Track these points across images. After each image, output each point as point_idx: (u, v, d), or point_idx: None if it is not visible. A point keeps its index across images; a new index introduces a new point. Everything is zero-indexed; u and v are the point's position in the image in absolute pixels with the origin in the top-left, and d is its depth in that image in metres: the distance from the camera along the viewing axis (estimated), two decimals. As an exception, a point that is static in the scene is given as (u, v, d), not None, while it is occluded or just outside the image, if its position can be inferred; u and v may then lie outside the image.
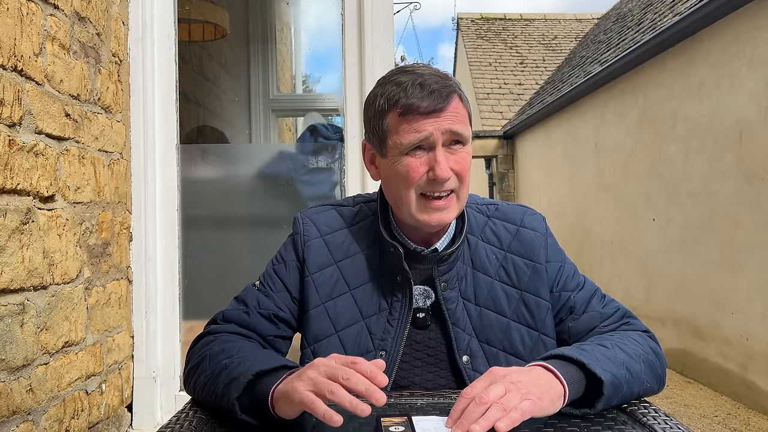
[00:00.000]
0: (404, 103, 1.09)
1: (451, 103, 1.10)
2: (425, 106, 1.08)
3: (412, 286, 1.19)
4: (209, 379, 1.05)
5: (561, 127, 8.87)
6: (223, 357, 1.07)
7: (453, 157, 1.12)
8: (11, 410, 1.63)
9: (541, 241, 1.25)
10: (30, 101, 1.76)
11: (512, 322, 1.20)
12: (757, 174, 4.28)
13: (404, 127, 1.10)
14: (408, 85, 1.10)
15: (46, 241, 1.84)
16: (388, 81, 1.15)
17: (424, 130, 1.09)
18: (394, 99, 1.11)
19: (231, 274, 2.75)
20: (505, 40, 14.63)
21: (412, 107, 1.09)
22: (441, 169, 1.09)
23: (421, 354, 1.20)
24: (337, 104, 3.20)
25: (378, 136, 1.16)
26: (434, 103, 1.09)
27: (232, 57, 4.39)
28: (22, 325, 1.69)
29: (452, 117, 1.10)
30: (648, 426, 0.94)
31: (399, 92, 1.10)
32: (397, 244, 1.18)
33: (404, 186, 1.13)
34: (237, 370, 1.00)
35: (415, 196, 1.13)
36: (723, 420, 4.07)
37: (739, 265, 4.48)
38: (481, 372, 1.15)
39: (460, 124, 1.11)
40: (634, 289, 6.29)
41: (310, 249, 1.23)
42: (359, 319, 1.20)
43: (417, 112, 1.09)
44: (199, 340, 1.19)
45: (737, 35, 4.55)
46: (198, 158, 2.78)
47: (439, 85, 1.10)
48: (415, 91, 1.09)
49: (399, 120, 1.11)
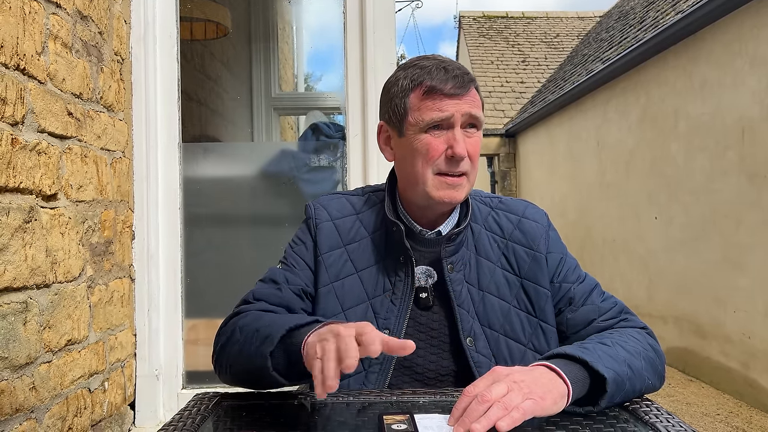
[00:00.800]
0: (429, 83, 1.15)
1: (471, 90, 1.17)
2: (449, 88, 1.14)
3: (414, 265, 1.22)
4: (242, 346, 1.07)
5: (563, 125, 8.86)
6: (255, 324, 1.09)
7: (468, 140, 1.18)
8: (14, 408, 1.64)
9: (542, 232, 1.28)
10: (32, 100, 1.76)
11: (513, 308, 1.23)
12: (759, 172, 4.28)
13: (428, 105, 1.16)
14: (432, 68, 1.16)
15: (49, 240, 1.84)
16: (411, 65, 1.21)
17: (446, 109, 1.15)
18: (419, 80, 1.17)
19: (233, 273, 2.75)
20: (507, 38, 14.61)
21: (437, 87, 1.15)
22: (460, 147, 1.15)
23: (424, 336, 1.22)
24: (339, 102, 3.20)
25: (398, 114, 1.20)
26: (457, 85, 1.15)
27: (234, 55, 4.39)
28: (25, 324, 1.69)
29: (471, 101, 1.17)
30: (650, 424, 0.94)
31: (423, 74, 1.17)
32: (399, 223, 1.22)
33: (422, 163, 1.18)
34: (269, 329, 1.03)
35: (431, 175, 1.17)
36: (725, 418, 4.07)
37: (741, 264, 4.48)
38: (484, 354, 1.19)
39: (477, 109, 1.18)
40: (635, 287, 6.29)
41: (321, 231, 1.28)
42: (365, 300, 1.23)
43: (441, 93, 1.15)
44: (230, 320, 1.21)
45: (740, 33, 4.54)
46: (200, 156, 2.79)
47: (461, 71, 1.17)
48: (440, 74, 1.15)
49: (422, 98, 1.16)
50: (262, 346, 1.00)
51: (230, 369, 1.11)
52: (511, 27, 15.04)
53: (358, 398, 1.08)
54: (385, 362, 1.20)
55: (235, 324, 1.16)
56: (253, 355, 1.02)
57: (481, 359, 1.19)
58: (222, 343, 1.16)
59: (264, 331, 1.04)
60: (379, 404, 1.04)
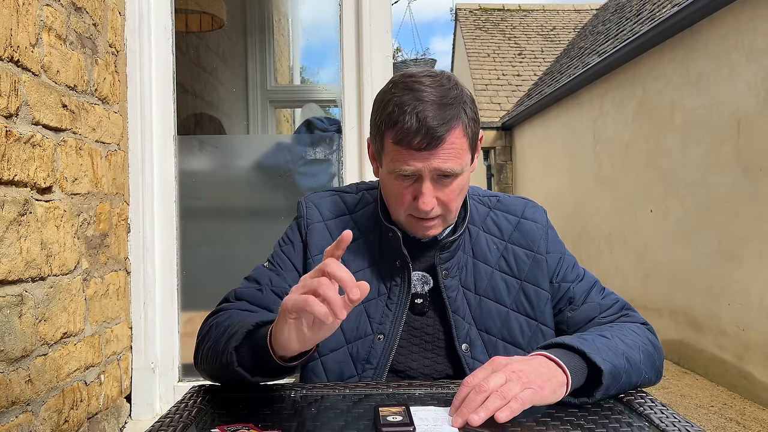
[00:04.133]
0: (398, 133, 1.08)
1: (447, 138, 1.07)
2: (417, 143, 1.06)
3: (411, 270, 1.20)
4: (213, 343, 1.07)
5: (559, 118, 8.86)
6: (226, 323, 1.09)
7: (442, 189, 1.12)
8: (10, 401, 1.64)
9: (541, 232, 1.26)
10: (27, 92, 1.75)
11: (511, 312, 1.21)
12: (754, 165, 4.29)
13: (395, 155, 1.10)
14: (408, 111, 1.06)
15: (44, 233, 1.84)
16: (393, 94, 1.11)
17: (412, 165, 1.09)
18: (392, 121, 1.09)
19: (229, 265, 2.75)
20: (504, 30, 14.58)
21: (404, 140, 1.07)
22: (424, 202, 1.10)
23: (418, 340, 1.21)
24: (335, 95, 3.20)
25: (376, 144, 1.17)
26: (426, 141, 1.06)
27: (229, 48, 4.37)
28: (20, 316, 1.69)
29: (445, 154, 1.08)
30: (645, 416, 0.94)
31: (398, 116, 1.07)
32: (395, 228, 1.20)
33: (394, 204, 1.17)
34: (237, 326, 1.02)
35: (404, 215, 1.16)
36: (719, 410, 4.09)
37: (737, 256, 4.49)
38: (480, 360, 1.17)
39: (452, 161, 1.09)
40: (631, 280, 6.31)
41: (312, 232, 1.26)
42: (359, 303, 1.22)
43: (409, 147, 1.07)
44: (209, 318, 1.21)
45: (736, 26, 4.54)
46: (196, 149, 2.78)
47: (437, 121, 1.06)
48: (413, 122, 1.06)
49: (392, 146, 1.11)
50: (228, 342, 1.00)
51: (206, 366, 1.11)
52: (507, 19, 15.01)
53: (354, 390, 1.08)
54: (378, 366, 1.19)
55: (211, 323, 1.16)
56: (221, 352, 1.01)
57: (477, 365, 1.16)
58: (198, 341, 1.16)
59: (232, 328, 1.04)
60: (374, 396, 1.05)
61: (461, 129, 1.10)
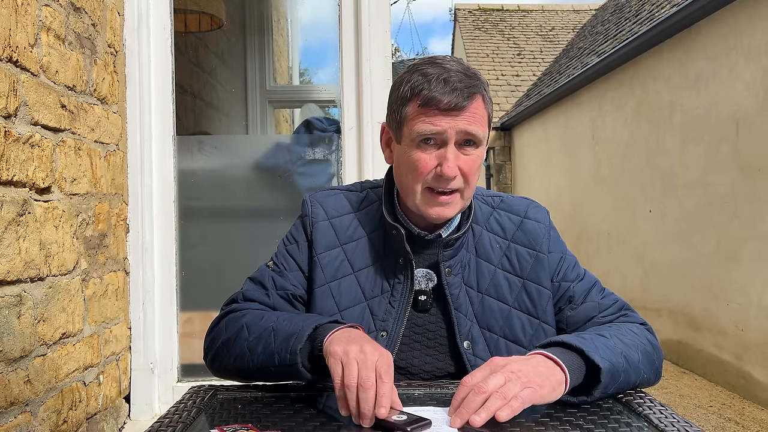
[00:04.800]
0: (426, 95, 1.10)
1: (472, 104, 1.11)
2: (445, 102, 1.09)
3: (414, 268, 1.20)
4: (254, 343, 1.09)
5: (558, 118, 8.86)
6: (266, 322, 1.12)
7: (463, 158, 1.13)
8: (9, 401, 1.63)
9: (544, 232, 1.27)
10: (25, 92, 1.75)
11: (513, 310, 1.22)
12: (753, 165, 4.29)
13: (422, 118, 1.12)
14: (433, 78, 1.10)
15: (43, 233, 1.84)
16: (416, 70, 1.15)
17: (439, 125, 1.10)
18: (418, 89, 1.12)
19: (228, 266, 2.75)
20: (503, 31, 14.59)
21: (433, 101, 1.10)
22: (449, 167, 1.10)
23: (421, 337, 1.22)
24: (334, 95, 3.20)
25: (396, 121, 1.18)
26: (455, 100, 1.09)
27: (228, 48, 4.37)
28: (19, 317, 1.69)
29: (470, 117, 1.11)
30: (643, 416, 0.94)
31: (423, 83, 1.11)
32: (399, 226, 1.20)
33: (413, 177, 1.15)
34: (292, 327, 1.06)
35: (421, 189, 1.15)
36: (718, 410, 4.10)
37: (735, 257, 4.50)
38: (482, 358, 1.17)
39: (476, 125, 1.12)
40: (630, 280, 6.31)
41: (317, 230, 1.26)
42: (362, 300, 1.22)
43: (436, 107, 1.10)
44: (223, 318, 1.22)
45: (735, 26, 4.54)
46: (194, 149, 2.78)
47: (463, 84, 1.10)
48: (439, 86, 1.10)
49: (418, 110, 1.12)
50: (287, 342, 1.03)
51: (237, 364, 1.12)
52: (506, 20, 15.01)
53: (353, 391, 1.08)
54: None
55: (237, 322, 1.16)
56: (276, 352, 1.04)
57: (479, 362, 1.17)
58: (224, 340, 1.16)
59: (284, 328, 1.07)
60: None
61: (482, 100, 1.14)
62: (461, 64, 1.15)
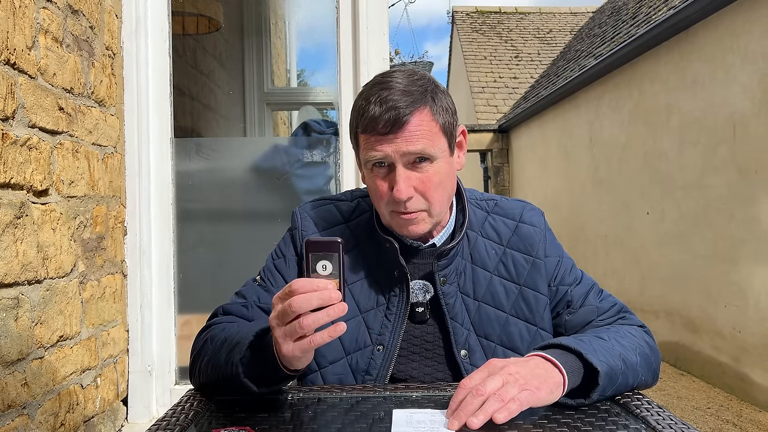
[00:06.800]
0: (364, 121, 1.09)
1: (411, 121, 1.07)
2: (381, 126, 1.07)
3: (409, 281, 1.19)
4: (212, 356, 1.07)
5: (556, 120, 8.87)
6: (222, 335, 1.09)
7: (418, 176, 1.10)
8: (6, 404, 1.63)
9: (540, 237, 1.25)
10: (23, 95, 1.75)
11: (510, 317, 1.21)
12: (750, 167, 4.30)
13: (366, 145, 1.11)
14: (373, 100, 1.07)
15: (41, 235, 1.83)
16: (363, 91, 1.13)
17: (381, 150, 1.08)
18: (360, 114, 1.10)
19: (226, 268, 2.75)
20: (501, 33, 14.61)
21: (370, 126, 1.08)
22: (398, 190, 1.08)
23: (418, 348, 1.20)
24: (332, 98, 3.20)
25: (355, 145, 1.18)
26: (390, 123, 1.06)
27: (226, 50, 4.37)
28: (16, 320, 1.69)
29: (411, 137, 1.07)
30: (641, 418, 0.95)
31: (365, 107, 1.09)
32: (392, 239, 1.18)
33: (376, 201, 1.15)
34: (237, 336, 1.03)
35: (387, 212, 1.15)
36: (716, 412, 4.10)
37: (733, 258, 4.50)
38: (479, 366, 1.16)
39: (420, 142, 1.07)
40: (628, 282, 6.32)
41: None
42: (357, 314, 1.20)
43: (374, 132, 1.08)
44: (201, 333, 1.21)
45: (732, 29, 4.55)
46: (192, 152, 2.77)
47: (403, 101, 1.06)
48: (376, 108, 1.06)
49: (363, 137, 1.11)
50: (231, 354, 1.00)
51: (204, 379, 1.10)
52: (504, 22, 15.04)
53: (351, 393, 1.08)
54: (378, 377, 1.18)
55: (205, 337, 1.15)
56: (223, 364, 1.01)
57: None
58: (193, 356, 1.15)
59: (232, 339, 1.04)
60: (371, 399, 1.04)
61: (428, 113, 1.09)
62: (408, 77, 1.11)
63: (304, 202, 1.33)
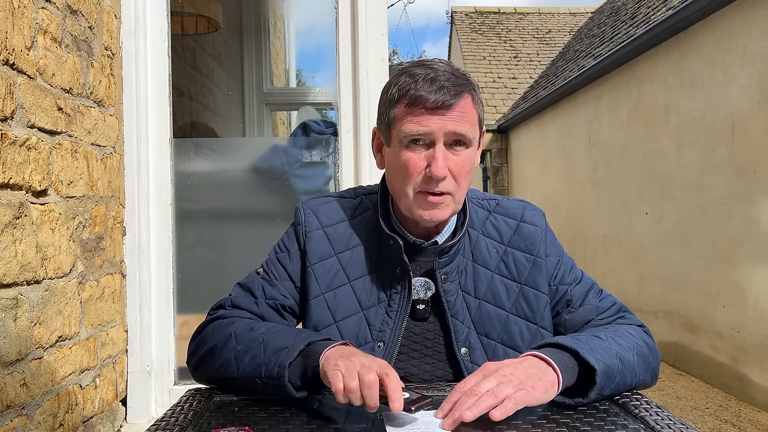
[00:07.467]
0: (413, 94, 1.10)
1: (459, 103, 1.10)
2: (432, 101, 1.08)
3: (412, 278, 1.19)
4: (242, 353, 1.07)
5: (555, 120, 8.88)
6: (256, 333, 1.10)
7: (453, 158, 1.12)
8: (5, 404, 1.63)
9: (541, 236, 1.26)
10: (22, 95, 1.75)
11: (511, 316, 1.21)
12: (749, 168, 4.30)
13: (409, 119, 1.11)
14: (420, 78, 1.10)
15: (39, 236, 1.83)
16: (404, 71, 1.15)
17: (426, 125, 1.09)
18: (405, 89, 1.11)
19: (225, 268, 2.75)
20: (500, 33, 14.62)
21: (419, 100, 1.09)
22: (437, 167, 1.09)
23: (419, 345, 1.21)
24: (331, 98, 3.20)
25: (385, 123, 1.17)
26: (442, 98, 1.08)
27: (225, 50, 4.37)
28: (15, 320, 1.69)
29: (458, 117, 1.10)
30: (640, 417, 0.95)
31: (410, 83, 1.10)
32: (396, 236, 1.19)
33: (403, 179, 1.14)
34: (283, 341, 1.04)
35: (413, 192, 1.14)
36: (714, 412, 4.10)
37: (731, 259, 4.51)
38: (479, 364, 1.16)
39: (465, 125, 1.11)
40: (626, 282, 6.32)
41: (311, 240, 1.24)
42: (358, 311, 1.20)
43: (423, 106, 1.09)
44: (209, 324, 1.20)
45: (730, 29, 4.56)
46: (191, 152, 2.77)
47: (450, 83, 1.09)
48: (425, 85, 1.09)
49: (405, 111, 1.11)
50: (275, 356, 1.02)
51: (221, 373, 1.10)
52: (503, 23, 15.04)
53: (350, 393, 1.08)
54: None
55: (225, 329, 1.14)
56: (264, 364, 1.03)
57: (476, 369, 1.16)
58: (210, 347, 1.13)
59: (275, 341, 1.05)
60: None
61: (471, 100, 1.13)
62: (450, 65, 1.15)
63: (307, 198, 1.33)
